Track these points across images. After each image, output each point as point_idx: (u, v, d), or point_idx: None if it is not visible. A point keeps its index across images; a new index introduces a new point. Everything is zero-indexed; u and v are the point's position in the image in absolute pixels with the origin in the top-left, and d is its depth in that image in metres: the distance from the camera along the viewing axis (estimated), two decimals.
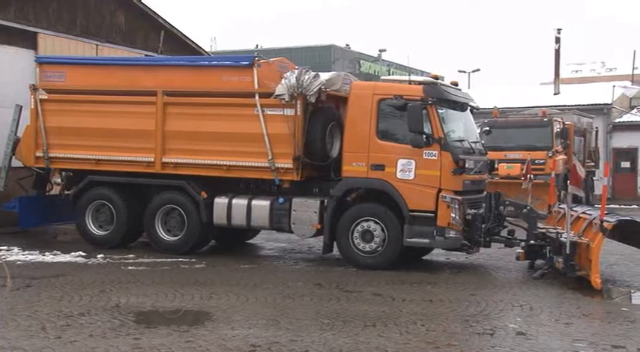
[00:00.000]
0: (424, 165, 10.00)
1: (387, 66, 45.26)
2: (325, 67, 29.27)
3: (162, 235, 11.40)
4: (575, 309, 7.72)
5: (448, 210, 9.78)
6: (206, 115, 11.07)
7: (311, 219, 10.55)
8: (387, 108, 10.27)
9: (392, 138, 10.31)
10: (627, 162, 30.22)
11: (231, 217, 10.95)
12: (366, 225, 10.25)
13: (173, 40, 18.47)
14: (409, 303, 7.91)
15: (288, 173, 10.63)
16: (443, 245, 10.14)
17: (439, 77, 11.16)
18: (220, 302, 7.78)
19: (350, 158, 10.42)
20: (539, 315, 7.45)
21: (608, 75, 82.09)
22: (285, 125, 10.50)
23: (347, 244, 10.35)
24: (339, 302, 7.92)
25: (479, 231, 10.12)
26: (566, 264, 9.03)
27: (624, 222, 9.37)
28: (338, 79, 10.99)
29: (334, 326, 6.78)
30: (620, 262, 11.01)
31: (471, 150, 10.65)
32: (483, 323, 7.02)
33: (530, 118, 21.14)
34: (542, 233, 10.02)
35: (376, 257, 10.19)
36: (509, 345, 6.23)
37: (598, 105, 29.38)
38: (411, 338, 6.42)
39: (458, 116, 10.92)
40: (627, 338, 6.53)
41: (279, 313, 7.35)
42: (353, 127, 10.48)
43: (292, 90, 10.29)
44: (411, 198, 9.99)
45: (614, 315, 7.58)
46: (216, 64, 11.90)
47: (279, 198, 10.76)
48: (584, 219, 9.67)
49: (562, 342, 6.37)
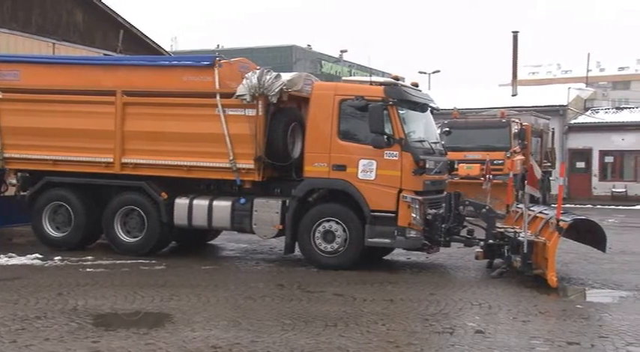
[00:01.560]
0: (385, 165, 10.07)
1: (348, 67, 45.44)
2: (287, 68, 29.28)
3: (122, 236, 11.25)
4: (532, 307, 7.86)
5: (409, 210, 9.87)
6: (166, 115, 10.95)
7: (272, 219, 10.54)
8: (349, 108, 10.31)
9: (353, 138, 10.36)
10: (582, 163, 30.92)
11: (192, 218, 10.87)
12: (328, 225, 10.28)
13: (132, 40, 18.24)
14: (370, 303, 7.95)
15: (250, 173, 10.60)
16: (404, 245, 10.23)
17: (400, 78, 11.26)
18: (181, 304, 7.71)
19: (311, 158, 10.43)
20: (497, 313, 7.57)
21: (564, 77, 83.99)
22: (246, 125, 10.46)
23: (309, 244, 10.36)
24: (301, 303, 7.92)
25: (439, 230, 10.23)
26: (524, 262, 9.20)
27: (579, 222, 9.59)
28: (299, 80, 10.99)
29: (296, 327, 6.78)
30: (576, 261, 11.25)
31: (431, 150, 10.76)
32: (443, 322, 7.10)
33: (489, 119, 21.47)
34: (501, 232, 10.17)
35: (338, 257, 10.23)
36: (468, 343, 6.32)
37: (554, 107, 30.00)
38: (372, 338, 6.46)
39: (418, 117, 11.03)
40: (582, 334, 6.68)
41: (240, 314, 7.31)
42: (314, 128, 10.50)
43: (254, 91, 10.25)
44: (372, 198, 10.05)
45: (570, 312, 7.74)
46: (177, 63, 11.79)
47: (240, 199, 10.72)
48: (541, 218, 9.86)
49: (519, 340, 6.48)
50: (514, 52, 33.58)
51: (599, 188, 30.52)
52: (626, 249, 13.05)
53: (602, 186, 30.49)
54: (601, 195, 30.06)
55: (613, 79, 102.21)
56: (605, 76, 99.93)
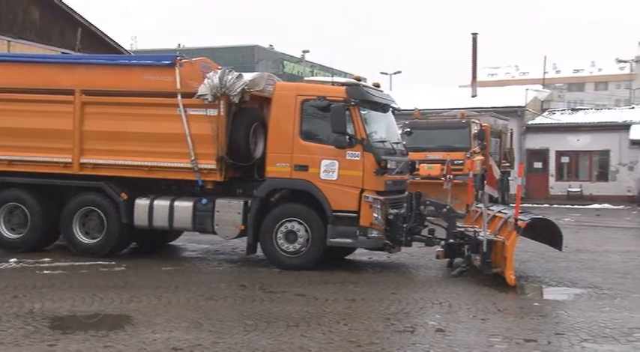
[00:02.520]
0: (347, 165, 10.12)
1: (310, 67, 45.48)
2: (249, 68, 29.15)
3: (80, 238, 11.07)
4: (491, 305, 7.99)
5: (370, 210, 9.93)
6: (127, 115, 10.82)
7: (234, 219, 10.49)
8: (311, 109, 10.32)
9: (315, 138, 10.38)
10: (539, 163, 31.50)
11: (153, 219, 10.76)
12: (290, 225, 10.28)
13: (91, 38, 17.95)
14: (332, 303, 7.98)
15: (212, 174, 10.54)
16: (365, 244, 10.29)
17: (361, 78, 11.32)
18: (141, 306, 7.63)
19: (274, 158, 10.42)
20: (457, 312, 7.67)
21: (522, 78, 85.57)
22: (208, 125, 10.40)
23: (271, 245, 10.34)
24: (263, 303, 7.91)
25: (400, 230, 10.32)
26: (483, 261, 9.34)
27: (537, 221, 9.78)
28: (261, 80, 10.97)
29: (258, 327, 6.77)
30: (533, 259, 11.46)
31: (392, 150, 10.85)
32: (404, 321, 7.17)
33: (450, 120, 21.73)
34: (461, 232, 10.31)
35: (300, 257, 10.23)
36: (429, 342, 6.39)
37: (512, 108, 30.49)
38: (334, 338, 6.49)
39: (380, 117, 11.10)
40: (539, 331, 6.81)
41: (201, 315, 7.27)
42: (277, 128, 10.49)
43: (215, 91, 10.20)
44: (334, 198, 10.08)
45: (527, 310, 7.89)
46: (137, 63, 11.64)
47: (202, 199, 10.65)
48: (499, 218, 10.02)
49: (478, 338, 6.58)
50: (473, 54, 34.05)
51: (556, 188, 31.14)
52: (581, 247, 13.35)
53: (558, 186, 31.12)
54: (557, 194, 30.67)
55: (568, 81, 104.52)
56: (561, 78, 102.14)
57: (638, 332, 6.81)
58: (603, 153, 30.74)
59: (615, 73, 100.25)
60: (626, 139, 29.44)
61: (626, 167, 29.95)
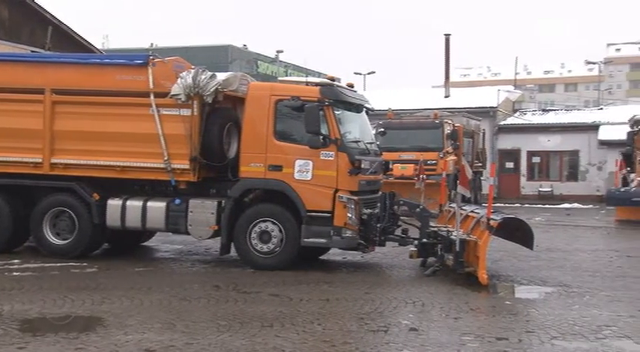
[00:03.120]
0: (321, 165, 10.13)
1: (284, 67, 45.46)
2: (222, 68, 29.04)
3: (51, 239, 10.92)
4: (464, 304, 8.06)
5: (344, 210, 9.95)
6: (99, 115, 10.71)
7: (208, 220, 10.44)
8: (285, 109, 10.31)
9: (289, 138, 10.37)
10: (511, 163, 31.83)
11: (126, 219, 10.67)
12: (264, 225, 10.26)
13: (62, 37, 17.71)
14: (306, 303, 7.99)
15: (185, 174, 10.48)
16: (339, 244, 10.31)
17: (335, 79, 11.34)
18: (113, 307, 7.55)
19: (248, 159, 10.39)
20: (430, 311, 7.73)
21: (494, 79, 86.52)
22: (181, 125, 10.34)
23: (244, 245, 10.31)
24: (237, 304, 7.88)
25: (374, 230, 10.36)
26: (456, 261, 9.42)
27: (509, 220, 9.89)
28: (235, 80, 10.93)
29: (231, 328, 6.75)
30: (505, 258, 11.59)
31: (366, 150, 10.89)
32: (378, 321, 7.21)
33: (423, 120, 21.87)
34: (434, 231, 10.37)
35: (274, 257, 10.22)
36: (402, 341, 6.43)
37: (485, 108, 30.77)
38: (308, 338, 6.49)
39: (354, 117, 11.13)
40: (510, 330, 6.90)
41: (174, 316, 7.22)
42: (250, 128, 10.46)
43: (188, 91, 10.16)
44: (308, 198, 10.09)
45: (499, 309, 7.99)
46: (109, 62, 11.52)
47: (175, 200, 10.58)
48: (472, 217, 10.11)
49: (451, 336, 6.64)
50: (446, 55, 34.32)
51: (527, 187, 31.50)
52: (552, 246, 13.53)
53: (530, 186, 31.48)
54: (529, 194, 31.03)
55: (539, 82, 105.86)
56: (532, 79, 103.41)
57: (606, 329, 6.93)
58: (573, 153, 31.19)
59: (584, 75, 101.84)
60: (595, 140, 29.91)
61: (595, 167, 30.43)
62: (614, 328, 6.98)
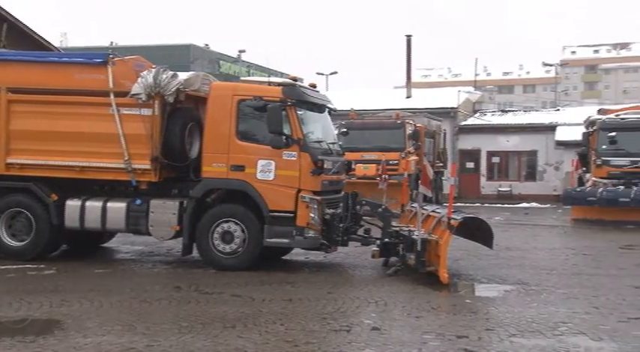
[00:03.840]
0: (284, 165, 10.12)
1: (246, 67, 45.27)
2: (184, 67, 28.69)
3: (7, 240, 10.70)
4: (425, 303, 8.15)
5: (307, 210, 9.96)
6: (57, 114, 10.54)
7: (170, 220, 10.36)
8: (247, 109, 10.28)
9: (252, 139, 10.34)
10: (471, 163, 32.23)
11: (85, 220, 10.51)
12: (226, 226, 10.21)
13: (17, 35, 17.31)
14: (269, 303, 7.98)
15: (146, 174, 10.38)
16: (302, 244, 10.32)
17: (298, 79, 11.36)
18: (72, 310, 7.43)
19: (210, 159, 10.33)
20: (392, 310, 7.79)
21: (454, 80, 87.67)
22: (142, 125, 10.24)
23: (207, 245, 10.25)
24: (199, 305, 7.83)
25: (337, 230, 10.39)
26: (418, 260, 9.51)
27: (469, 220, 10.02)
28: (197, 79, 10.86)
29: (193, 329, 6.70)
30: (465, 257, 11.74)
31: (329, 151, 10.92)
32: (340, 320, 7.23)
33: (385, 120, 22.01)
34: (396, 231, 10.45)
35: (236, 258, 10.18)
36: (365, 340, 6.47)
37: (445, 109, 31.08)
38: (270, 338, 6.49)
39: (316, 117, 11.16)
40: (470, 328, 7.00)
41: (135, 318, 7.14)
42: (213, 128, 10.41)
43: (149, 90, 10.07)
44: (270, 198, 10.07)
45: (459, 307, 8.09)
46: (68, 60, 11.32)
47: (136, 200, 10.47)
48: (433, 217, 10.22)
49: (412, 335, 6.70)
50: (408, 56, 34.56)
51: (487, 187, 31.95)
52: (511, 245, 13.75)
53: (489, 186, 31.93)
54: (489, 193, 31.47)
55: (498, 83, 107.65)
56: (492, 80, 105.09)
57: (562, 326, 7.08)
58: (531, 153, 31.73)
59: (542, 76, 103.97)
60: (552, 140, 30.48)
61: (553, 167, 31.02)
62: (570, 325, 7.14)
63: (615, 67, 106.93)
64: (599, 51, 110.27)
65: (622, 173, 18.97)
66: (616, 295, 8.74)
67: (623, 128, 19.52)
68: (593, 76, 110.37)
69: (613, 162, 19.24)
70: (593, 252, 13.23)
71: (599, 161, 19.44)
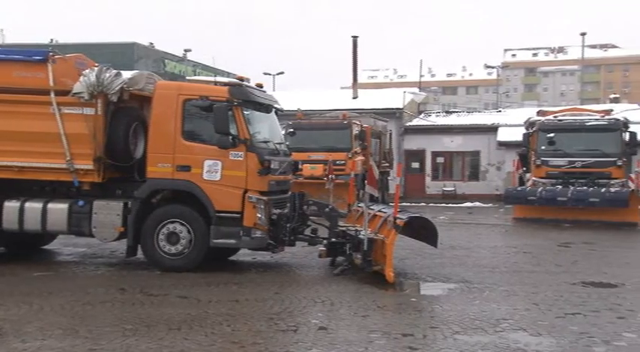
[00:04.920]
0: (230, 166, 10.07)
1: (192, 66, 44.73)
2: (128, 66, 28.17)
3: None
4: (372, 302, 8.23)
5: (254, 210, 9.94)
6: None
7: (114, 221, 10.18)
8: (193, 108, 10.19)
9: (198, 139, 10.25)
10: (417, 163, 32.67)
11: (24, 222, 10.24)
12: (172, 226, 10.10)
13: None
14: (215, 304, 7.93)
15: (89, 174, 10.18)
16: (249, 245, 10.28)
17: (244, 79, 11.30)
18: (9, 314, 7.22)
19: (155, 159, 10.20)
20: (339, 310, 7.84)
21: (400, 81, 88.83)
22: (84, 125, 10.04)
23: (152, 247, 10.11)
24: (143, 307, 7.72)
25: (284, 230, 10.40)
26: (364, 259, 9.60)
27: (414, 219, 10.16)
28: (141, 78, 10.71)
29: (137, 332, 6.60)
30: (411, 256, 11.91)
31: (276, 151, 10.91)
32: (287, 320, 7.25)
33: (332, 121, 22.10)
34: (343, 231, 10.53)
35: (182, 259, 10.08)
36: (311, 340, 6.50)
37: (391, 110, 31.40)
38: (217, 339, 6.45)
39: (263, 118, 11.13)
40: (415, 326, 7.11)
41: (77, 321, 6.99)
42: (158, 128, 10.27)
43: (92, 89, 9.88)
44: (217, 198, 10.01)
45: (405, 306, 8.21)
46: (5, 58, 10.95)
47: (78, 201, 10.26)
48: (379, 216, 10.33)
49: (359, 334, 6.77)
50: (354, 57, 34.76)
51: (432, 187, 32.44)
52: (455, 244, 14.01)
53: (434, 186, 32.43)
54: (433, 193, 31.96)
55: (443, 85, 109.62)
56: (436, 82, 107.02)
57: (504, 322, 7.27)
58: (474, 153, 32.37)
59: (484, 78, 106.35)
60: (494, 141, 31.16)
61: (495, 167, 31.72)
62: (510, 321, 7.33)
63: (553, 70, 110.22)
64: (538, 54, 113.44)
65: (560, 173, 19.56)
66: (554, 292, 9.01)
67: (560, 129, 20.13)
68: (532, 78, 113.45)
69: (551, 163, 19.81)
70: (533, 249, 13.60)
71: (539, 161, 19.99)
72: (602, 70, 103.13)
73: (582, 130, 20.03)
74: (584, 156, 19.54)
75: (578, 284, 9.63)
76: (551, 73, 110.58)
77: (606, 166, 19.36)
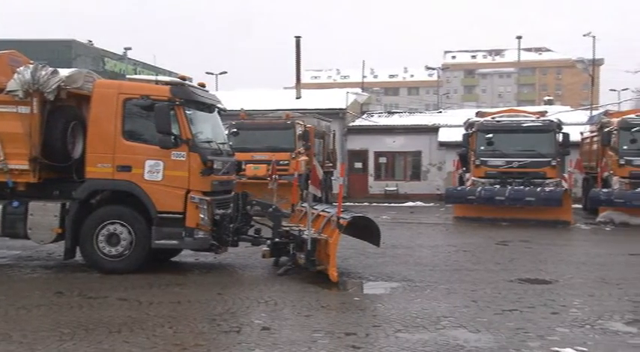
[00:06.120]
0: (172, 166, 9.95)
1: (133, 65, 43.93)
2: (65, 64, 27.47)
3: None
4: (315, 302, 8.27)
5: (197, 210, 9.85)
6: None
7: (51, 223, 9.92)
8: (134, 108, 10.03)
9: (139, 138, 10.09)
10: (360, 163, 32.95)
11: None
12: (112, 228, 9.91)
13: None
14: (157, 306, 7.82)
15: (24, 175, 9.91)
16: (192, 246, 10.18)
17: (187, 78, 11.18)
18: None
19: (94, 159, 9.99)
20: (282, 310, 7.85)
21: (343, 82, 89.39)
22: (19, 124, 9.76)
23: (91, 249, 9.90)
24: (82, 310, 7.55)
25: (227, 230, 10.34)
26: (308, 259, 9.64)
27: (357, 219, 10.26)
28: (79, 77, 10.47)
29: (75, 336, 6.46)
30: (354, 256, 12.01)
31: (219, 151, 10.84)
32: (230, 321, 7.21)
33: (275, 121, 22.08)
34: (286, 231, 10.53)
35: (123, 260, 9.90)
36: (254, 341, 6.49)
37: (334, 110, 31.56)
38: (158, 342, 6.37)
39: (206, 117, 11.03)
40: (358, 325, 7.18)
41: (11, 326, 6.78)
42: (97, 127, 10.06)
43: (27, 87, 9.62)
44: (159, 199, 9.87)
45: (348, 305, 8.28)
46: None
47: (12, 202, 9.99)
48: (323, 216, 10.38)
49: (302, 334, 6.79)
50: (297, 57, 34.83)
51: (375, 187, 32.76)
52: (397, 243, 14.20)
53: (377, 185, 32.76)
54: (376, 193, 32.28)
55: (385, 86, 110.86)
56: (378, 83, 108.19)
57: (444, 320, 7.41)
58: (416, 154, 32.83)
59: (425, 79, 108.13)
60: (435, 141, 31.70)
61: (436, 167, 32.28)
62: (451, 318, 7.48)
63: (491, 72, 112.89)
64: (477, 56, 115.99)
65: (498, 173, 20.05)
66: (492, 289, 9.25)
67: (498, 130, 20.66)
68: (471, 80, 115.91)
69: (490, 163, 20.30)
70: (472, 248, 13.90)
71: (478, 161, 20.44)
72: (537, 73, 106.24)
73: (519, 131, 20.60)
74: (520, 156, 20.09)
75: (515, 281, 9.90)
76: (489, 74, 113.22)
77: (541, 166, 19.96)
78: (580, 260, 12.44)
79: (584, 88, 70.93)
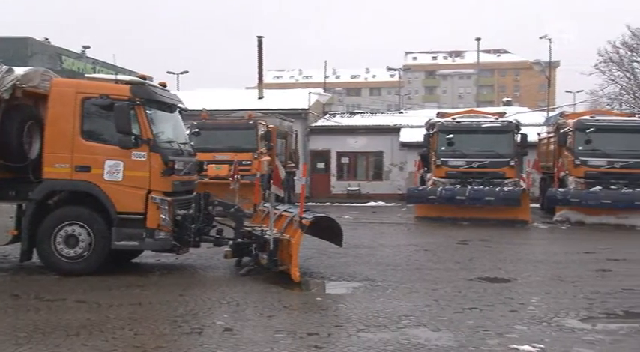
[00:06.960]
0: (133, 166, 9.83)
1: (92, 64, 43.17)
2: (21, 62, 26.85)
3: None
4: (277, 302, 8.27)
5: (158, 211, 9.75)
6: None
7: (6, 224, 9.72)
8: (93, 107, 9.88)
9: (99, 138, 9.95)
10: (322, 163, 33.02)
11: None
12: (71, 229, 9.75)
13: None
14: (116, 308, 7.72)
15: None
16: (153, 246, 10.08)
17: (147, 77, 11.06)
18: None
19: (52, 159, 9.81)
20: (244, 310, 7.83)
21: (305, 82, 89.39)
22: None
23: (49, 250, 9.72)
24: (39, 313, 7.41)
25: (188, 231, 10.26)
26: (270, 259, 9.63)
27: (320, 219, 10.28)
28: (36, 75, 10.27)
29: (32, 339, 6.34)
30: (316, 256, 12.03)
31: (180, 151, 10.75)
32: (192, 323, 7.16)
33: (237, 121, 21.99)
34: (249, 231, 10.51)
35: (81, 262, 9.74)
36: (216, 342, 6.45)
37: (297, 110, 31.58)
38: (118, 344, 6.29)
39: (167, 117, 10.93)
40: (320, 325, 7.20)
41: None
42: (55, 127, 9.88)
43: None
44: (119, 200, 9.74)
45: (310, 305, 8.30)
46: None
47: None
48: (285, 216, 10.38)
49: (264, 334, 6.78)
50: (259, 56, 34.71)
51: (337, 187, 32.87)
52: (359, 243, 14.28)
53: (339, 185, 32.88)
54: (339, 193, 32.39)
55: (347, 86, 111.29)
56: (340, 83, 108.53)
57: (405, 319, 7.49)
58: (378, 154, 33.06)
59: (387, 80, 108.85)
60: (397, 141, 31.96)
61: (397, 167, 32.54)
62: (412, 317, 7.56)
63: (451, 73, 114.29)
64: (437, 58, 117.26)
65: (458, 173, 20.32)
66: (453, 288, 9.37)
67: (458, 131, 20.94)
68: (432, 81, 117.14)
69: (450, 163, 20.55)
70: (433, 247, 14.05)
71: (439, 161, 20.68)
72: (495, 74, 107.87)
73: (479, 132, 20.91)
74: (480, 156, 20.39)
75: (475, 280, 10.05)
76: (449, 76, 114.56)
77: (500, 166, 20.29)
78: (537, 258, 12.69)
79: (541, 89, 72.25)
